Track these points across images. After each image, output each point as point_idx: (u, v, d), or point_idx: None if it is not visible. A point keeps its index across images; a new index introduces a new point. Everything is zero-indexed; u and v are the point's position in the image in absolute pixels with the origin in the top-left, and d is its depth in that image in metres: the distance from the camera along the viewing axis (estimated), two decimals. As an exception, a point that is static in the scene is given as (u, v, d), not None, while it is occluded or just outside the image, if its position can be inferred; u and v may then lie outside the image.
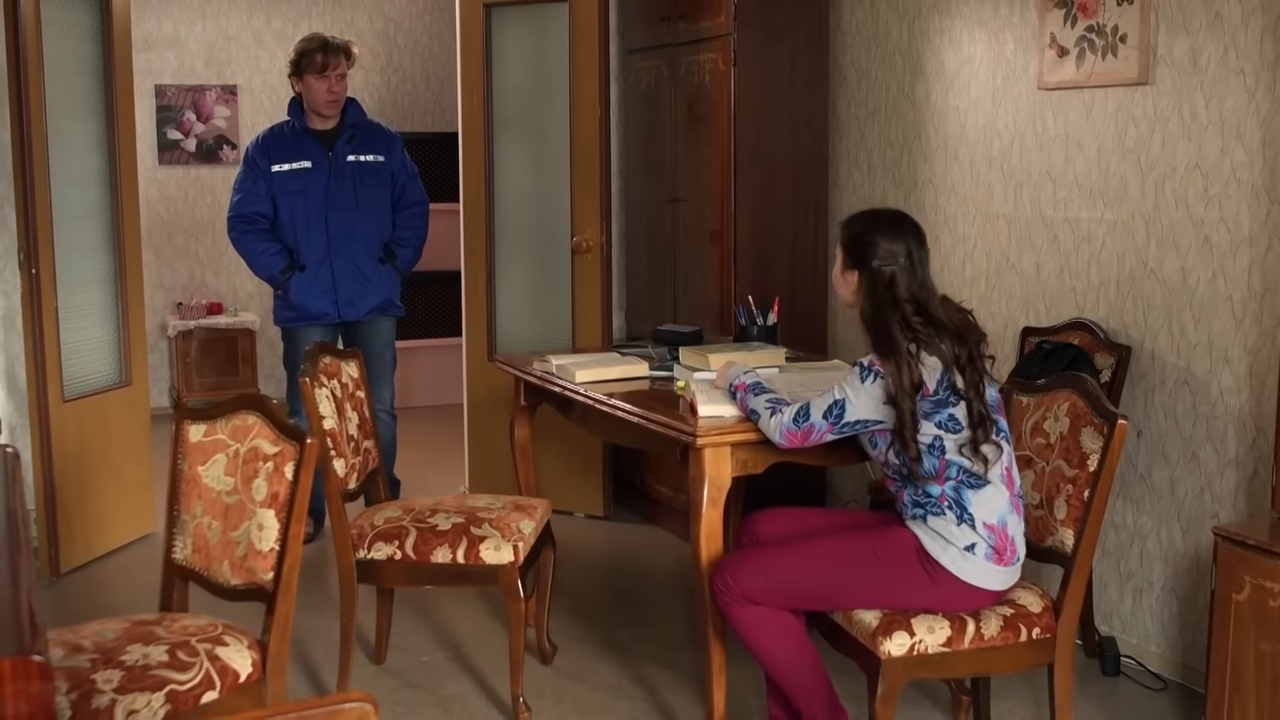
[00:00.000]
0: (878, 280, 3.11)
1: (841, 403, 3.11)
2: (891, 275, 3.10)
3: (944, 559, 3.05)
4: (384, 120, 8.20)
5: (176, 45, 7.82)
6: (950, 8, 4.63)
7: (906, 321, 3.05)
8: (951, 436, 3.03)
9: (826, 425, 3.14)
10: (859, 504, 5.10)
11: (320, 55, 5.12)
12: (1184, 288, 3.84)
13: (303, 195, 5.15)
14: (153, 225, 7.64)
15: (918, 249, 3.13)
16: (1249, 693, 3.12)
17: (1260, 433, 3.63)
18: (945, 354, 3.02)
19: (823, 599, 3.16)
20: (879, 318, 3.09)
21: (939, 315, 3.08)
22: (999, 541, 3.05)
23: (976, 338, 3.09)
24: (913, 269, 3.11)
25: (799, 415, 3.18)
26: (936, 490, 3.07)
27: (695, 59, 5.27)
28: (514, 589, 3.65)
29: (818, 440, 3.19)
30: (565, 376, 3.96)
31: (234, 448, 3.01)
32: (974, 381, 3.03)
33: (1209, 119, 3.72)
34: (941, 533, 3.06)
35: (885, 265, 3.10)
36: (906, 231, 3.15)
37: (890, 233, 3.14)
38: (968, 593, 3.07)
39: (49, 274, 4.85)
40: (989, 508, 3.05)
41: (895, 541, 3.11)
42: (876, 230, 3.15)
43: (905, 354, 3.01)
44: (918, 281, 3.10)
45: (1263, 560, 3.07)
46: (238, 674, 2.77)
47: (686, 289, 5.47)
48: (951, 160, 4.67)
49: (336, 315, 5.23)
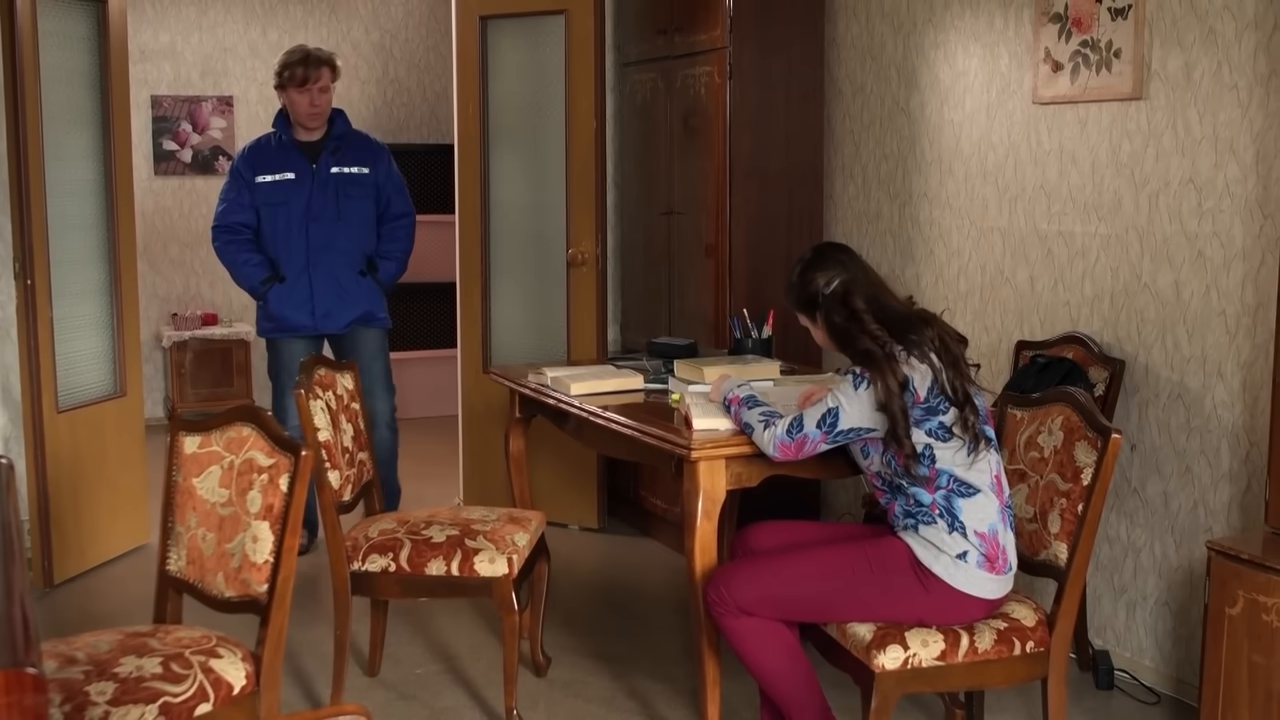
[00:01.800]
0: (831, 305, 3.18)
1: (835, 411, 3.12)
2: (839, 292, 3.17)
3: (936, 567, 3.06)
4: (378, 132, 8.22)
5: (173, 56, 7.82)
6: (945, 22, 4.64)
7: (868, 331, 3.11)
8: (941, 445, 3.05)
9: (820, 435, 3.15)
10: (854, 517, 5.09)
11: (301, 69, 5.14)
12: (1178, 302, 3.85)
13: (285, 206, 5.16)
14: (148, 236, 7.65)
15: (849, 260, 3.22)
16: (1242, 707, 3.12)
17: (1254, 447, 3.64)
18: (932, 363, 3.05)
19: (817, 610, 3.16)
20: (846, 337, 3.16)
21: (897, 310, 3.14)
22: (990, 549, 3.06)
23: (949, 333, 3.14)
24: (851, 276, 3.18)
25: (793, 426, 3.19)
26: (927, 499, 3.08)
27: (691, 72, 5.28)
28: (508, 601, 3.65)
29: (811, 451, 3.20)
30: (560, 389, 3.96)
31: (229, 459, 3.01)
32: (958, 387, 3.06)
33: (1202, 134, 3.74)
34: (934, 541, 3.07)
35: (827, 288, 3.18)
36: (828, 253, 3.26)
37: (815, 264, 3.24)
38: (961, 601, 3.07)
39: (44, 284, 4.85)
40: (979, 516, 3.06)
41: (888, 551, 3.12)
42: (804, 273, 3.25)
43: (882, 358, 3.06)
44: (861, 285, 3.17)
45: (1256, 574, 3.08)
46: (231, 686, 2.76)
47: (681, 302, 5.48)
48: (946, 174, 4.69)
49: (314, 327, 5.23)
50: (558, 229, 5.60)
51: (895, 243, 4.95)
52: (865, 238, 5.10)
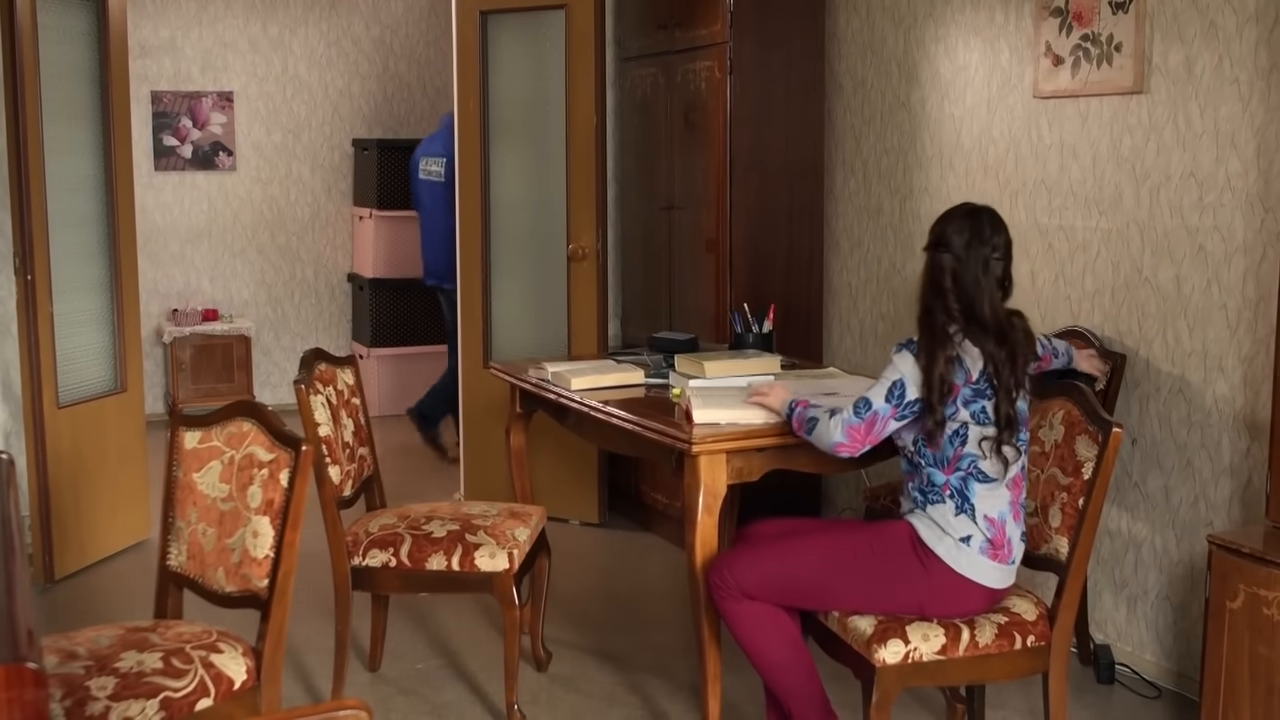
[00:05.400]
0: (934, 265, 3.14)
1: (900, 381, 3.08)
2: (942, 263, 3.12)
3: (939, 549, 3.07)
4: (378, 127, 8.28)
5: (173, 51, 7.81)
6: (946, 16, 4.64)
7: (948, 308, 3.08)
8: (977, 428, 3.05)
9: (890, 409, 3.09)
10: (854, 513, 5.10)
11: None
12: (1178, 296, 3.84)
13: None
14: (148, 231, 7.64)
15: (979, 247, 3.11)
16: (1243, 700, 3.12)
17: (1254, 441, 3.64)
18: (986, 349, 3.04)
19: (818, 593, 3.16)
20: (925, 297, 3.13)
21: (983, 313, 3.08)
22: (997, 535, 3.06)
23: (1021, 347, 3.10)
24: (965, 263, 3.10)
25: (859, 406, 3.13)
26: (941, 479, 3.08)
27: (691, 67, 5.28)
28: (509, 596, 3.65)
29: (881, 431, 3.13)
30: (561, 383, 3.96)
31: (229, 454, 3.01)
32: (1007, 385, 3.05)
33: (1203, 128, 3.73)
34: (938, 521, 3.08)
35: (941, 253, 3.13)
36: (975, 227, 3.14)
37: (958, 225, 3.14)
38: (961, 586, 3.07)
39: (44, 280, 4.85)
40: (992, 503, 3.07)
41: (891, 534, 3.14)
42: (949, 220, 3.17)
43: (940, 330, 3.05)
44: (970, 276, 3.10)
45: (1257, 568, 3.08)
46: (232, 681, 2.76)
47: (682, 296, 5.48)
48: (947, 168, 4.68)
49: None
50: (558, 224, 5.60)
51: (896, 237, 4.95)
52: (866, 233, 5.10)
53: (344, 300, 8.31)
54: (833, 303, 5.30)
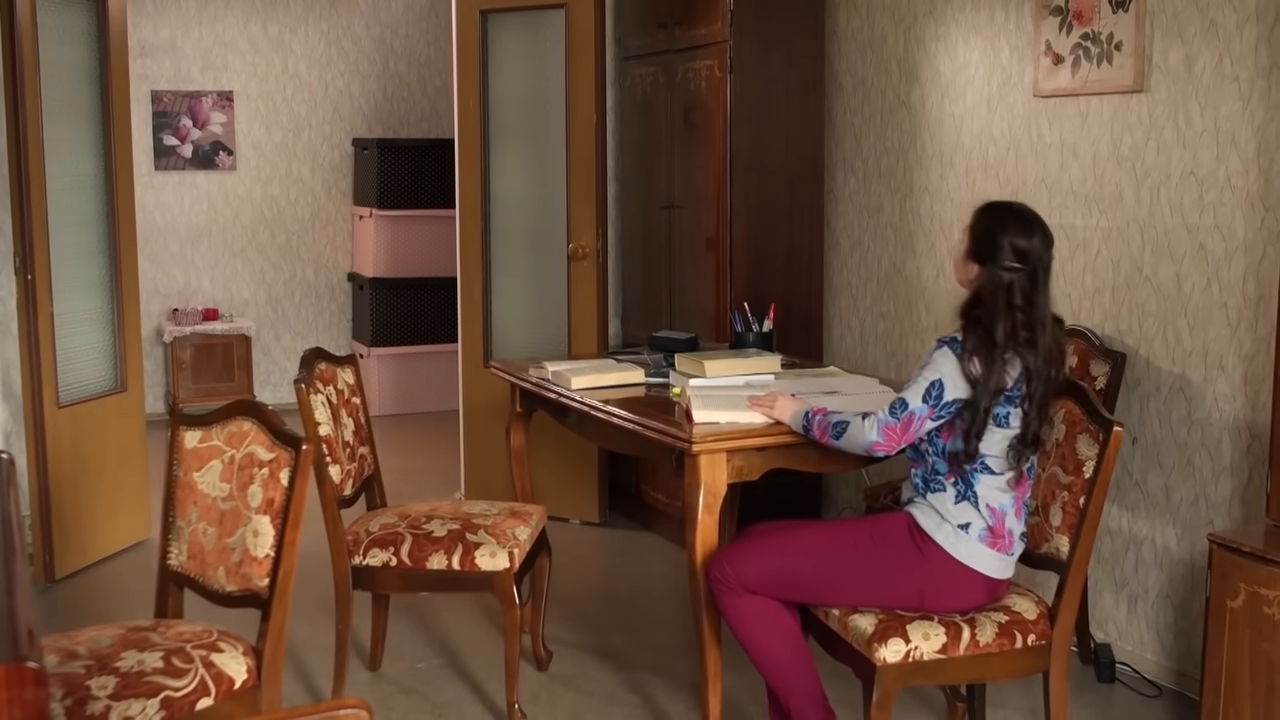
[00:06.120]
0: (997, 283, 3.04)
1: (939, 382, 3.03)
2: (1011, 283, 3.03)
3: (938, 535, 3.07)
4: (378, 127, 8.26)
5: (173, 51, 7.81)
6: (946, 15, 4.64)
7: (1014, 329, 3.00)
8: (998, 430, 3.04)
9: (928, 409, 3.04)
10: (854, 511, 5.10)
11: None
12: (1179, 295, 3.84)
13: None
14: (149, 231, 7.64)
15: (1044, 253, 3.05)
16: (1244, 699, 3.12)
17: (1255, 439, 3.64)
18: (1031, 365, 3.01)
19: (818, 586, 3.16)
20: (988, 316, 3.02)
21: (1042, 338, 3.02)
22: (996, 524, 3.07)
23: (1059, 364, 3.09)
24: (1034, 279, 3.04)
25: (895, 406, 3.08)
26: (944, 468, 3.09)
27: (691, 66, 5.28)
28: (509, 595, 3.65)
29: (917, 430, 3.08)
30: (561, 383, 3.96)
31: (229, 454, 3.01)
32: (1040, 401, 3.03)
33: (1204, 126, 3.73)
34: (938, 508, 3.09)
35: (1007, 271, 3.03)
36: (1036, 238, 3.05)
37: (1021, 236, 3.04)
38: (959, 574, 3.07)
39: (44, 279, 4.85)
40: (994, 494, 3.08)
41: (889, 525, 3.15)
42: (1008, 231, 3.05)
43: (999, 359, 2.99)
44: (1042, 297, 3.04)
45: (1258, 567, 3.08)
46: (233, 680, 2.76)
47: (682, 295, 5.48)
48: (947, 167, 4.68)
49: None
50: (558, 223, 5.60)
51: (896, 236, 4.95)
52: (866, 231, 5.10)
53: (344, 300, 8.31)
54: (833, 302, 5.30)
